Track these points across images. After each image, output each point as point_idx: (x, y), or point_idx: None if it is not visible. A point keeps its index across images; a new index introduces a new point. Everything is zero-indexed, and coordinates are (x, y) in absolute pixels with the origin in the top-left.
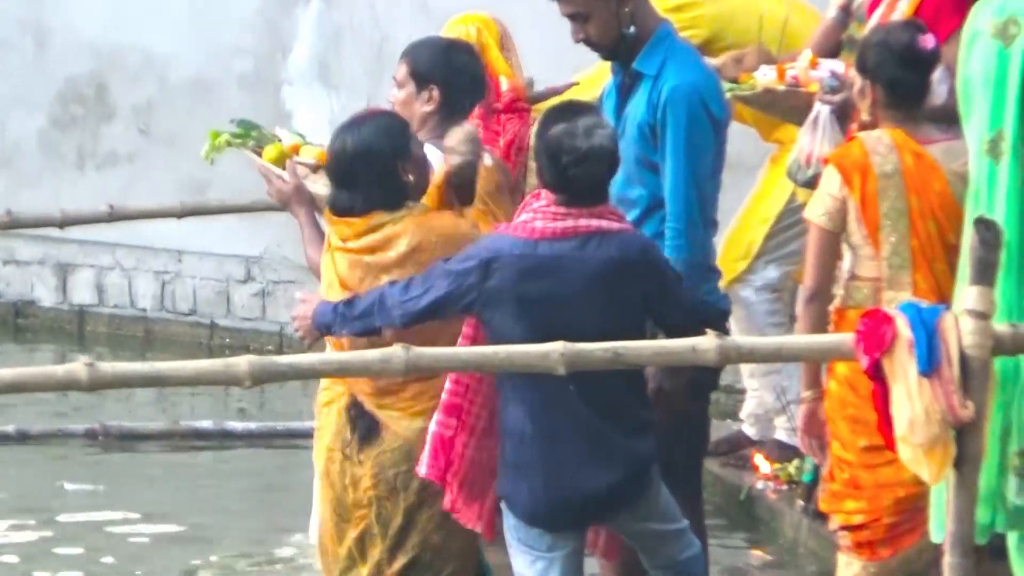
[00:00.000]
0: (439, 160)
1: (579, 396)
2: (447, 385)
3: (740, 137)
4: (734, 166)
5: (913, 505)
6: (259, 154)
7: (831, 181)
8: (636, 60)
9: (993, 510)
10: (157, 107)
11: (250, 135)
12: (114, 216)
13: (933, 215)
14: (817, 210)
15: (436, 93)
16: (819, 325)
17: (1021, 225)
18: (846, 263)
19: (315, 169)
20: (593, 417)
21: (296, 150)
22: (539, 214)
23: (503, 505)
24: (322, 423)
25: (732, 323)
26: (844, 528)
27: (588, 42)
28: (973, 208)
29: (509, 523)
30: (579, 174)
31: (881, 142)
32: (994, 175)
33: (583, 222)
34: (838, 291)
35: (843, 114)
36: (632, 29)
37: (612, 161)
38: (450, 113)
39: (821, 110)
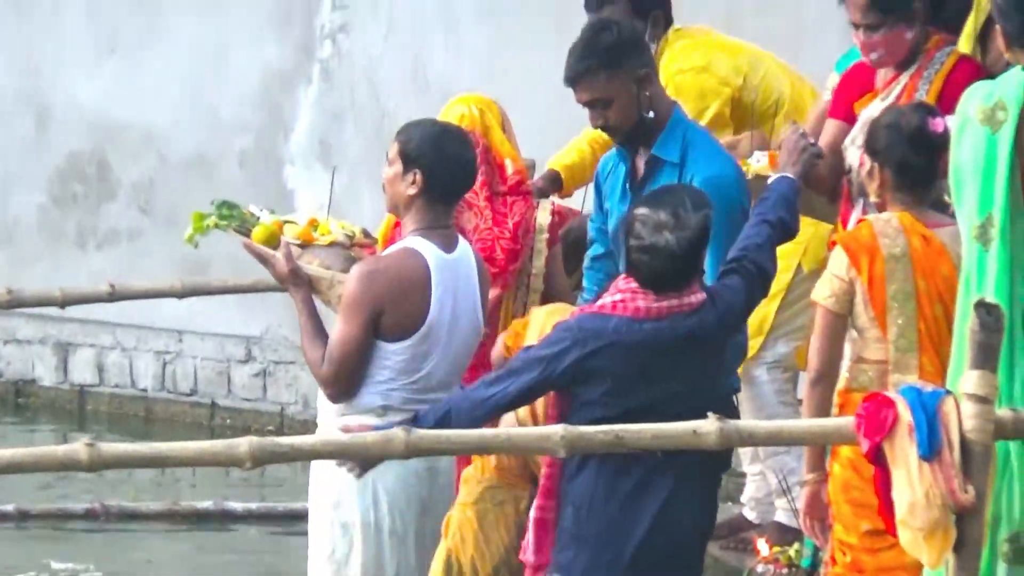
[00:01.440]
0: None
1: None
2: (543, 468)
3: None
4: None
5: None
6: (244, 235)
7: (839, 263)
8: (655, 145)
9: None
10: (158, 184)
11: (233, 216)
12: (115, 295)
13: (940, 298)
14: (824, 292)
15: (419, 177)
16: (824, 407)
17: (1011, 311)
18: (850, 346)
19: (302, 247)
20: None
21: (281, 229)
22: (638, 295)
23: None
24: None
25: (741, 403)
26: None
27: (607, 128)
28: (964, 293)
29: None
30: (641, 262)
31: (890, 224)
32: (983, 260)
33: (675, 302)
34: (844, 374)
35: None
36: (651, 113)
37: (677, 261)
38: (434, 199)
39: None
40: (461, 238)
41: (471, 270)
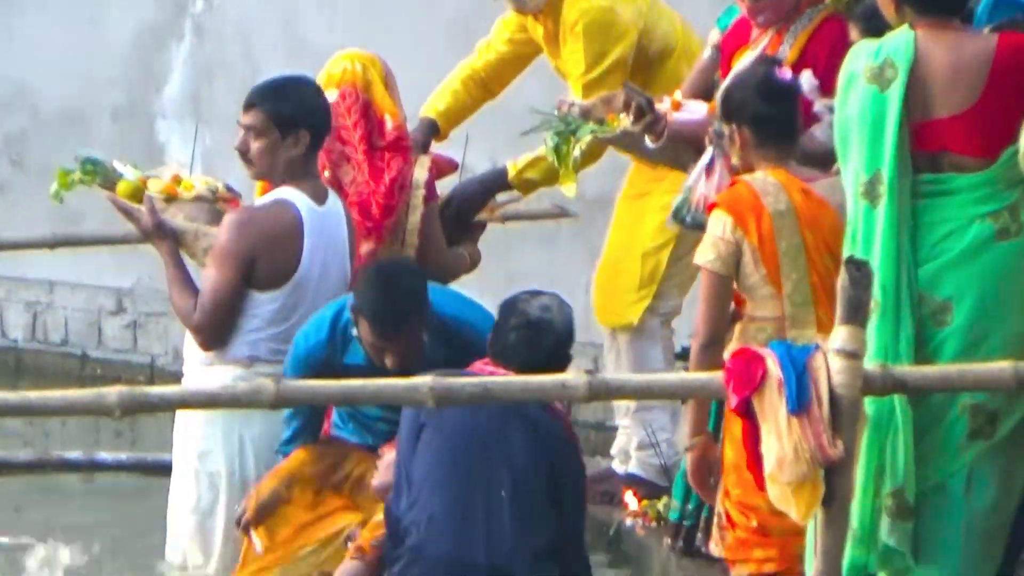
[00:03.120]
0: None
1: None
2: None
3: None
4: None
5: None
6: (110, 190)
7: (721, 224)
8: None
9: (867, 550)
10: (30, 138)
11: (97, 172)
12: None
13: (829, 250)
14: (708, 255)
15: (307, 136)
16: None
17: (897, 268)
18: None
19: (167, 201)
20: None
21: (145, 184)
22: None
23: None
24: None
25: (623, 355)
26: None
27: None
28: (851, 250)
29: None
30: (521, 338)
31: (768, 182)
32: (871, 218)
33: None
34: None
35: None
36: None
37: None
38: (314, 153)
39: (714, 154)
40: (331, 191)
41: (341, 222)
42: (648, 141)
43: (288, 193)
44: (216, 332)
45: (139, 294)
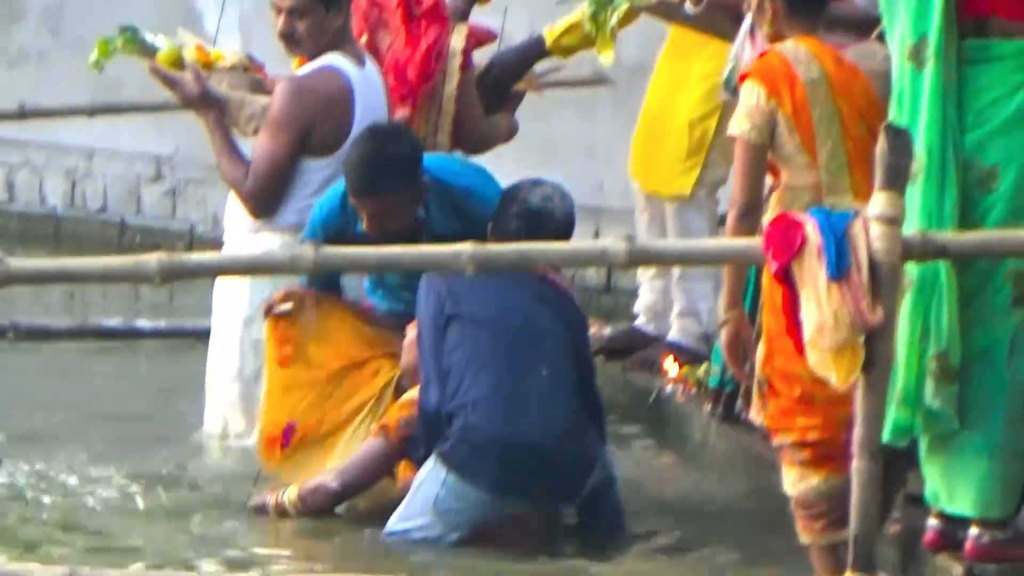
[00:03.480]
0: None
1: None
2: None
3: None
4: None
5: None
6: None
7: (755, 94)
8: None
9: (912, 413)
10: (67, 6)
11: (137, 41)
12: (24, 114)
13: (862, 116)
14: (743, 125)
15: (347, 2)
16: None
17: (942, 132)
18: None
19: (205, 70)
20: None
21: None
22: None
23: None
24: None
25: (670, 223)
26: (798, 445)
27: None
28: (897, 115)
29: None
30: (522, 229)
31: (799, 51)
32: (917, 81)
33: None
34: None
35: None
36: None
37: (559, 230)
38: (348, 17)
39: (753, 20)
40: (367, 54)
41: (379, 85)
42: (688, 6)
43: (334, 59)
44: (269, 200)
45: (178, 161)
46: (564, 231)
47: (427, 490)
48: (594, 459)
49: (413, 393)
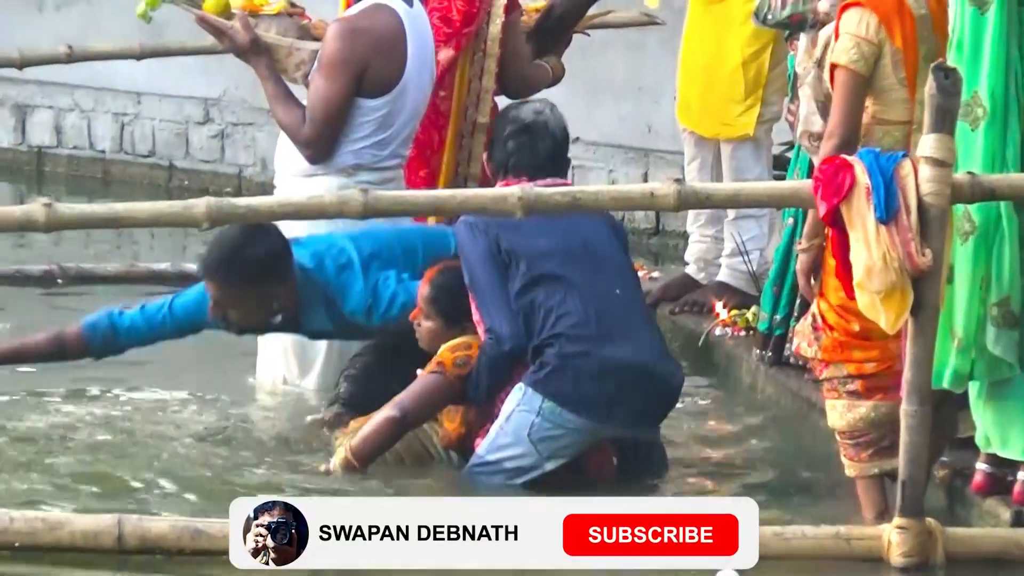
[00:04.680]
0: None
1: None
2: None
3: None
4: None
5: None
6: (196, 7)
7: (864, 24)
8: None
9: (971, 360)
10: None
11: None
12: (72, 57)
13: None
14: (850, 55)
15: None
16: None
17: (1006, 75)
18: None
19: (252, 16)
20: None
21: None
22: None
23: None
24: None
25: (727, 170)
26: (851, 376)
27: None
28: (956, 56)
29: None
30: (521, 145)
31: None
32: (980, 24)
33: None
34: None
35: None
36: None
37: (556, 141)
38: None
39: None
40: None
41: (426, 23)
42: None
43: None
44: (327, 143)
45: (226, 104)
46: (560, 142)
47: (520, 419)
48: (681, 378)
49: (465, 337)
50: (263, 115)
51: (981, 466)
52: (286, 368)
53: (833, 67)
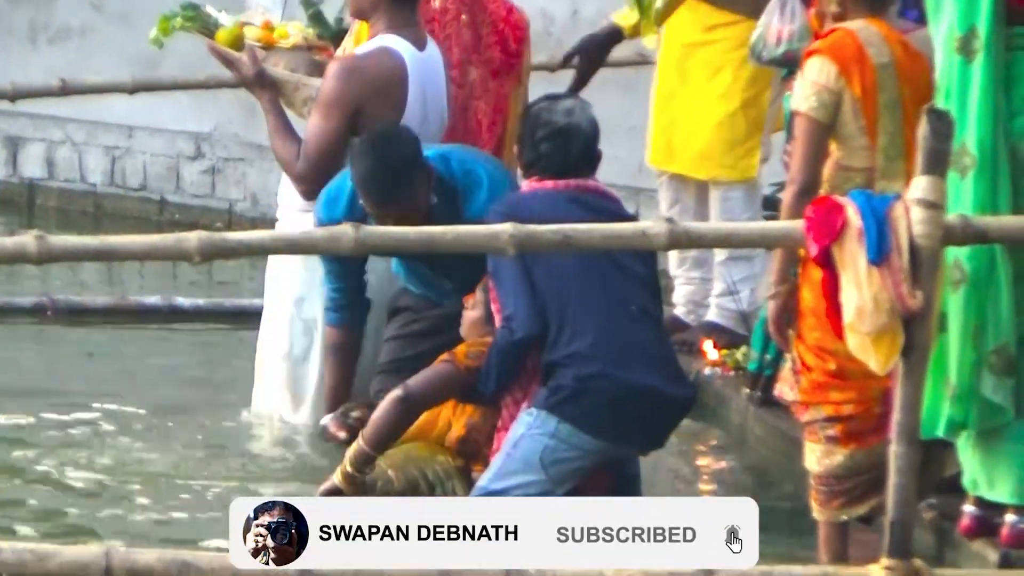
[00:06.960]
0: None
1: None
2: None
3: None
4: None
5: None
6: (209, 37)
7: (825, 72)
8: None
9: (966, 409)
10: None
11: (197, 18)
12: (65, 90)
13: (923, 104)
14: (809, 102)
15: None
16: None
17: (994, 124)
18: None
19: (265, 49)
20: None
21: (243, 32)
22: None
23: None
24: None
25: (717, 211)
26: (830, 419)
27: None
28: (945, 106)
29: None
30: (554, 147)
31: (871, 32)
32: (966, 73)
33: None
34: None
35: None
36: None
37: (588, 142)
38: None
39: None
40: (429, 37)
41: (440, 68)
42: None
43: (391, 40)
44: (320, 180)
45: (218, 139)
46: (592, 141)
47: (531, 444)
48: (694, 394)
49: (487, 338)
50: (254, 151)
51: (969, 508)
52: (280, 402)
53: (794, 114)
